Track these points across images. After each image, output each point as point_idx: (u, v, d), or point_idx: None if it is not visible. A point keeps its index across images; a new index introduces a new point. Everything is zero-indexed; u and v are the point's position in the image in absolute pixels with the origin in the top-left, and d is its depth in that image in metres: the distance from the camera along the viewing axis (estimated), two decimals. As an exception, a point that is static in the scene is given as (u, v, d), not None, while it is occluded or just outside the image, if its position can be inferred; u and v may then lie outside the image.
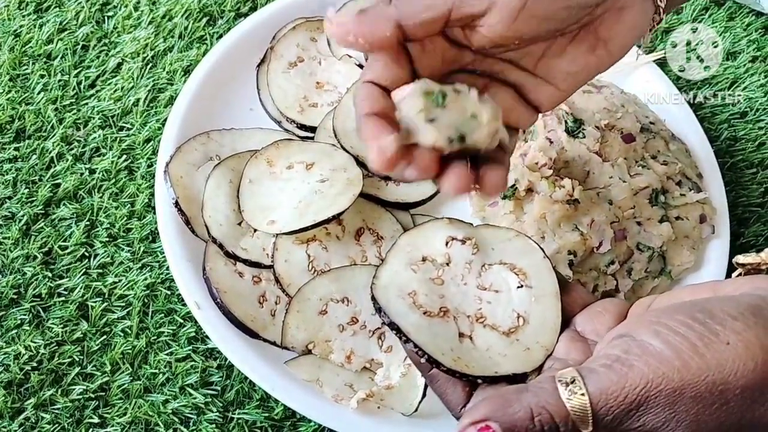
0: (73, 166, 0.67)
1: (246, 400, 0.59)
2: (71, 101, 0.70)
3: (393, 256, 0.50)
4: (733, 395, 0.37)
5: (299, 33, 0.72)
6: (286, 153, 0.65)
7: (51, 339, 0.60)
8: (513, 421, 0.38)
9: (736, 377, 0.37)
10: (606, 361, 0.39)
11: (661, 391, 0.37)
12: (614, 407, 0.38)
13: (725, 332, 0.37)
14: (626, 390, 0.38)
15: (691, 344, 0.37)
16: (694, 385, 0.37)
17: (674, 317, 0.39)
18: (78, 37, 0.74)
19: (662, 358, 0.37)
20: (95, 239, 0.64)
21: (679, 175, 0.66)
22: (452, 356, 0.45)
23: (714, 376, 0.37)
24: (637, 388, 0.37)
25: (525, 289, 0.48)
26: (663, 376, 0.37)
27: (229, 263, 0.60)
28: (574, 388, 0.38)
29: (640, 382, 0.37)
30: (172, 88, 0.71)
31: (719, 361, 0.37)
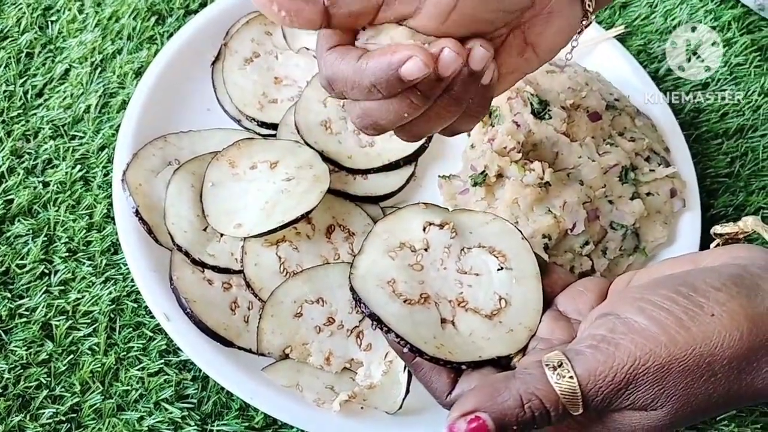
0: (26, 180, 0.64)
1: (224, 410, 0.57)
2: (18, 112, 0.67)
3: (370, 244, 0.49)
4: (720, 366, 0.37)
5: (253, 27, 0.70)
6: (249, 153, 0.63)
7: (15, 362, 0.57)
8: (503, 409, 0.38)
9: (722, 348, 0.37)
10: (592, 341, 0.39)
11: (649, 368, 0.37)
12: (603, 388, 0.38)
13: (709, 304, 0.37)
14: (614, 369, 0.37)
15: (676, 318, 0.37)
16: (681, 359, 0.37)
17: (658, 292, 0.39)
18: (21, 44, 0.70)
19: (648, 335, 0.37)
20: (54, 255, 0.62)
21: (647, 150, 0.66)
22: (435, 344, 0.45)
23: (701, 348, 0.37)
24: (625, 366, 0.37)
25: (505, 272, 0.49)
26: (650, 353, 0.37)
27: (196, 271, 0.59)
28: (562, 372, 0.38)
29: (627, 361, 0.37)
30: (124, 92, 0.69)
31: (705, 333, 0.37)
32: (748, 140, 0.73)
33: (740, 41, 0.78)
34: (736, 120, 0.74)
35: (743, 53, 0.77)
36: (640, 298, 0.39)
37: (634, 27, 0.79)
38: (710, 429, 0.59)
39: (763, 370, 0.38)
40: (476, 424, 0.38)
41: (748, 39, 0.78)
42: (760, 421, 0.60)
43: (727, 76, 0.77)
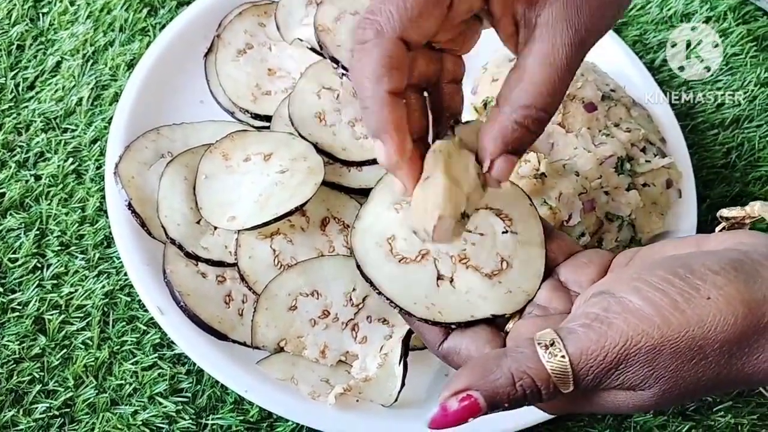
0: (18, 174, 0.64)
1: (219, 404, 0.57)
2: (10, 105, 0.67)
3: (378, 193, 0.50)
4: (712, 350, 0.37)
5: (246, 19, 0.69)
6: (242, 145, 0.62)
7: (8, 357, 0.57)
8: (494, 387, 0.38)
9: (715, 332, 0.37)
10: (585, 320, 0.38)
11: (641, 348, 0.37)
12: (594, 367, 0.37)
13: (706, 287, 0.37)
14: (606, 349, 0.37)
15: (671, 300, 0.37)
16: (673, 341, 0.37)
17: (655, 273, 0.38)
18: (12, 36, 0.70)
19: (642, 315, 0.37)
20: (47, 249, 0.61)
21: (643, 141, 0.66)
22: (425, 303, 0.46)
23: (694, 331, 0.37)
24: (617, 347, 0.37)
25: (510, 235, 0.49)
26: (642, 334, 0.37)
27: (190, 264, 0.58)
28: (554, 351, 0.38)
29: (619, 341, 0.37)
30: (116, 84, 0.68)
31: (700, 316, 0.37)
32: (744, 131, 0.73)
33: (736, 32, 0.77)
34: (732, 111, 0.74)
35: (739, 44, 0.77)
36: (636, 278, 0.39)
37: (629, 17, 0.78)
38: (706, 420, 0.59)
39: (754, 356, 0.37)
40: (468, 402, 0.38)
41: (744, 29, 0.78)
42: (757, 411, 0.60)
43: (723, 67, 0.76)
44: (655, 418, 0.59)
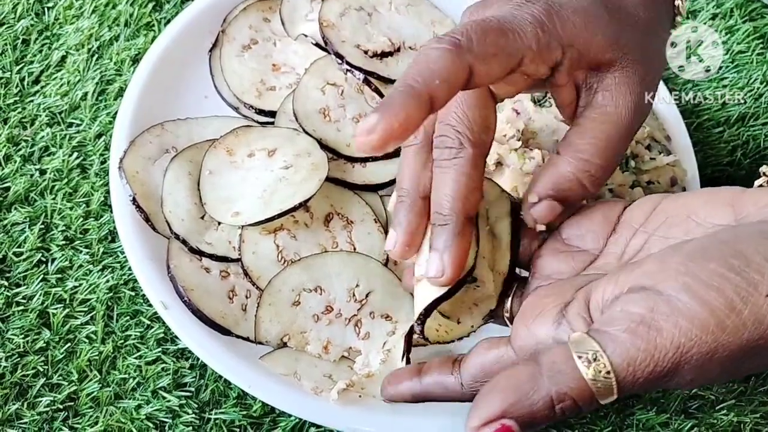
0: (22, 168, 0.64)
1: (222, 399, 0.57)
2: (15, 99, 0.67)
3: None
4: (764, 349, 0.34)
5: (251, 14, 0.69)
6: (246, 140, 0.62)
7: (12, 351, 0.57)
8: (532, 413, 0.35)
9: None
10: (629, 323, 0.35)
11: (693, 355, 0.34)
12: (641, 378, 0.34)
13: (764, 282, 0.34)
14: (656, 359, 0.34)
15: (727, 300, 0.34)
16: (727, 345, 0.34)
17: (707, 266, 0.35)
18: (17, 31, 0.70)
19: (695, 319, 0.34)
20: (51, 243, 0.61)
21: (648, 138, 0.65)
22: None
23: (750, 333, 0.34)
24: (668, 354, 0.34)
25: None
26: (696, 340, 0.34)
27: (194, 259, 0.58)
28: (597, 366, 0.34)
29: (670, 348, 0.34)
30: (121, 79, 0.68)
31: (757, 316, 0.33)
32: (749, 128, 0.73)
33: (742, 29, 0.77)
34: (738, 108, 0.74)
35: (745, 41, 0.77)
36: (685, 272, 0.35)
37: (635, 14, 0.78)
38: (709, 418, 0.59)
39: None
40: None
41: (750, 26, 0.77)
42: (759, 410, 0.60)
43: (729, 64, 0.76)
44: (657, 416, 0.59)
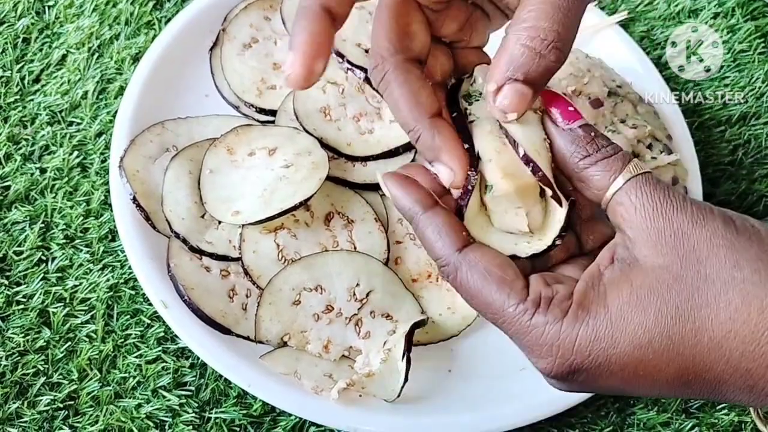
0: (23, 167, 0.64)
1: (222, 398, 0.57)
2: (15, 98, 0.67)
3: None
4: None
5: (252, 12, 0.69)
6: (247, 139, 0.62)
7: (12, 349, 0.57)
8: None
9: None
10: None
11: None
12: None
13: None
14: None
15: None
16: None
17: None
18: (18, 29, 0.70)
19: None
20: (51, 242, 0.61)
21: (650, 137, 0.65)
22: None
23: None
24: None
25: None
26: None
27: (194, 258, 0.58)
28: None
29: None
30: (121, 77, 0.68)
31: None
32: (751, 128, 0.73)
33: (744, 27, 0.77)
34: (739, 107, 0.73)
35: (747, 40, 0.77)
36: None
37: (637, 13, 0.78)
38: (709, 417, 0.59)
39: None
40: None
41: (752, 25, 0.77)
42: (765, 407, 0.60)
43: (731, 63, 0.76)
44: (658, 416, 0.59)
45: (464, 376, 0.58)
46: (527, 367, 0.57)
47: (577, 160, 0.41)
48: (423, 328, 0.58)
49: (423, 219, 0.42)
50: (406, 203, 0.42)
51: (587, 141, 0.41)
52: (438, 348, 0.59)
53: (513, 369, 0.58)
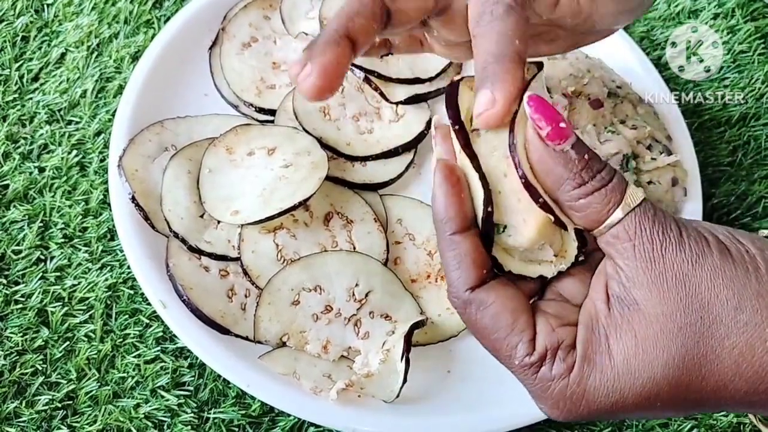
0: (21, 165, 0.64)
1: (221, 398, 0.57)
2: (14, 96, 0.67)
3: None
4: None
5: (251, 11, 0.69)
6: (246, 139, 0.62)
7: (11, 349, 0.57)
8: None
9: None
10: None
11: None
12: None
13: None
14: None
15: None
16: None
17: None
18: (17, 28, 0.70)
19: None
20: (50, 241, 0.61)
21: (649, 138, 0.65)
22: None
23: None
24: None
25: None
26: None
27: (193, 258, 0.58)
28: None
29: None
30: (120, 76, 0.68)
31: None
32: (750, 129, 0.73)
33: (744, 28, 0.77)
34: (739, 108, 0.73)
35: (747, 41, 0.77)
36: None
37: (636, 13, 0.78)
38: (708, 419, 0.59)
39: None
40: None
41: (751, 26, 0.77)
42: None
43: (730, 64, 0.76)
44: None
45: (463, 376, 0.58)
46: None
47: (570, 189, 0.39)
48: (422, 329, 0.58)
49: (449, 240, 0.41)
50: (441, 212, 0.41)
51: (581, 167, 0.39)
52: (437, 349, 0.59)
53: (512, 370, 0.58)
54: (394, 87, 0.66)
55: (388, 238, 0.61)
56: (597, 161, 0.39)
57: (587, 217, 0.39)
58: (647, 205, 0.39)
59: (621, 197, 0.39)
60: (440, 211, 0.41)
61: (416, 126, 0.66)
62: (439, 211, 0.41)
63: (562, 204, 0.40)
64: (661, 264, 0.37)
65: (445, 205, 0.40)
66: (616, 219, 0.38)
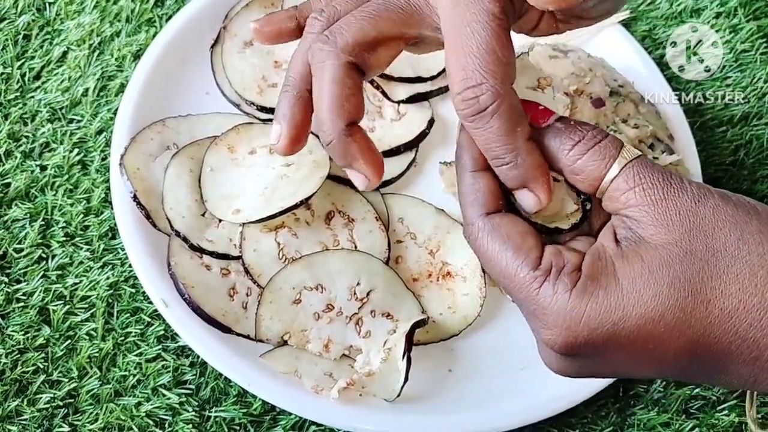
0: (23, 164, 0.64)
1: (222, 396, 0.57)
2: (16, 95, 0.67)
3: None
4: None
5: (253, 10, 0.69)
6: (248, 137, 0.62)
7: (12, 347, 0.57)
8: None
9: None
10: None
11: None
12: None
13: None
14: None
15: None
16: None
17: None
18: (18, 26, 0.70)
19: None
20: (52, 239, 0.61)
21: (651, 138, 0.65)
22: None
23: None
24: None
25: None
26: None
27: (195, 257, 0.58)
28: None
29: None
30: (122, 75, 0.68)
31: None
32: (753, 128, 0.73)
33: (746, 27, 0.77)
34: (741, 107, 0.73)
35: (749, 40, 0.76)
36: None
37: (639, 12, 0.78)
38: (710, 418, 0.59)
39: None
40: None
41: (754, 25, 0.77)
42: (760, 411, 0.60)
43: (732, 63, 0.76)
44: (658, 416, 0.59)
45: (465, 375, 0.58)
46: (528, 367, 0.58)
47: (567, 152, 0.41)
48: (423, 328, 0.58)
49: (468, 177, 0.43)
50: (463, 154, 0.43)
51: (570, 130, 0.41)
52: (438, 347, 0.59)
53: (513, 369, 0.58)
54: (396, 86, 0.66)
55: (390, 237, 0.61)
56: (585, 125, 0.41)
57: (588, 178, 0.40)
58: (644, 159, 0.40)
59: (617, 152, 0.40)
60: (463, 152, 0.43)
61: (418, 125, 0.66)
62: (462, 152, 0.43)
63: (565, 172, 0.42)
64: (664, 204, 0.38)
65: (468, 145, 0.42)
66: (614, 173, 0.40)
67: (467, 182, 0.43)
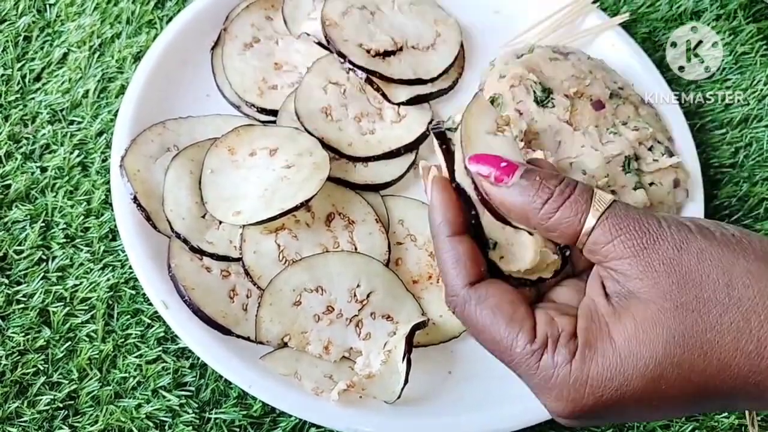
0: (24, 165, 0.64)
1: (222, 398, 0.57)
2: (16, 96, 0.67)
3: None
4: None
5: (253, 12, 0.69)
6: (248, 139, 0.62)
7: (12, 349, 0.57)
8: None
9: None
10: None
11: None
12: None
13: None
14: None
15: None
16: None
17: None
18: (19, 27, 0.70)
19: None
20: (52, 241, 0.61)
21: (651, 140, 0.65)
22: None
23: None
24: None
25: None
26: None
27: (195, 258, 0.58)
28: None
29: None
30: (122, 76, 0.68)
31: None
32: (752, 130, 0.73)
33: (746, 30, 0.77)
34: (741, 110, 0.73)
35: (749, 42, 0.76)
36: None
37: (639, 14, 0.78)
38: (710, 421, 0.59)
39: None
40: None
41: (754, 27, 0.77)
42: (760, 413, 0.60)
43: (733, 65, 0.76)
44: (658, 418, 0.59)
45: (464, 377, 0.58)
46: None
47: (537, 211, 0.40)
48: (423, 330, 0.58)
49: (446, 242, 0.42)
50: (437, 217, 0.42)
51: (536, 188, 0.40)
52: (438, 349, 0.59)
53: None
54: (396, 88, 0.66)
55: (390, 239, 0.61)
56: (552, 178, 0.40)
57: (564, 233, 0.40)
58: (618, 205, 0.40)
59: (589, 204, 0.39)
60: (437, 216, 0.42)
61: (418, 127, 0.66)
62: (437, 216, 0.42)
63: (539, 231, 0.41)
64: (646, 254, 0.38)
65: (443, 209, 0.42)
66: (590, 226, 0.39)
67: (445, 248, 0.42)
